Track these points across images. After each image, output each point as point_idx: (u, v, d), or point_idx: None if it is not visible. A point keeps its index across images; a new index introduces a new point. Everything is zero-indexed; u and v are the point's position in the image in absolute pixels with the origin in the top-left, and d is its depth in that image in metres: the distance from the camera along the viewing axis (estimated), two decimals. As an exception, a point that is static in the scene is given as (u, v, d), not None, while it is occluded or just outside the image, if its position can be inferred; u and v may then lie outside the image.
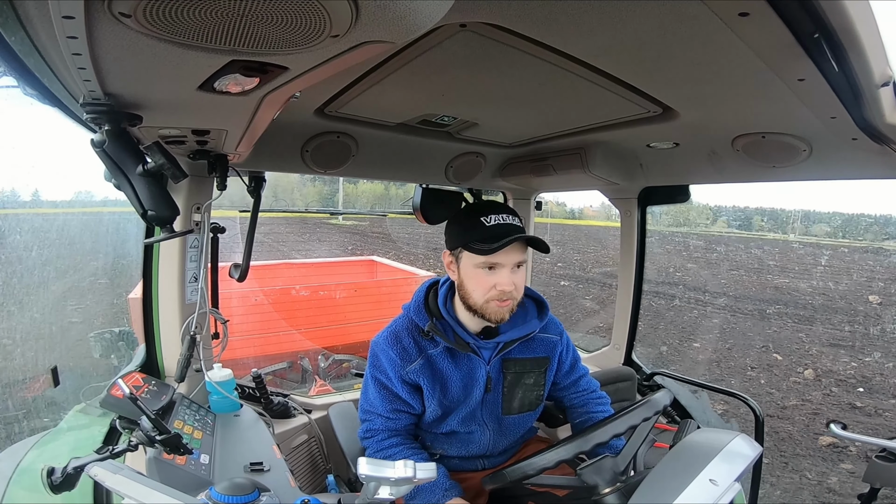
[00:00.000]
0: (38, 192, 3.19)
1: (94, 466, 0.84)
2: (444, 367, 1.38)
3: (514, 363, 1.43)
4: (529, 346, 1.46)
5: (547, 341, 1.49)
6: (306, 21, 0.55)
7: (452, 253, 1.35)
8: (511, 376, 1.43)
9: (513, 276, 1.27)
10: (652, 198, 2.25)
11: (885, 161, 1.30)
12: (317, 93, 1.29)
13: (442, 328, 1.38)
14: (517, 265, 1.28)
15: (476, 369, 1.39)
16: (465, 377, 1.39)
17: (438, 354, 1.38)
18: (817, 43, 0.76)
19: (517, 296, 1.30)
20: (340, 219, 24.78)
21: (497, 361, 1.41)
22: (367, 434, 1.42)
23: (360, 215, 26.84)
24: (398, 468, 0.86)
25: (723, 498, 0.87)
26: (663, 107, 1.29)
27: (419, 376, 1.36)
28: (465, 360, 1.39)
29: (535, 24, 0.86)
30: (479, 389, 1.39)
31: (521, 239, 1.25)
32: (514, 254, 1.26)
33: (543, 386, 1.48)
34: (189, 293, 1.63)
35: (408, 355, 1.37)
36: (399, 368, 1.36)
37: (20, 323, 2.16)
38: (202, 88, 0.77)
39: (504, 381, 1.43)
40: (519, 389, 1.45)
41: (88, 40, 0.58)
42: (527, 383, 1.45)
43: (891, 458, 1.39)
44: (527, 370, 1.45)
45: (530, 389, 1.46)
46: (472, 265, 1.28)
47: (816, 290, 11.56)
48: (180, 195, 1.54)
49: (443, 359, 1.38)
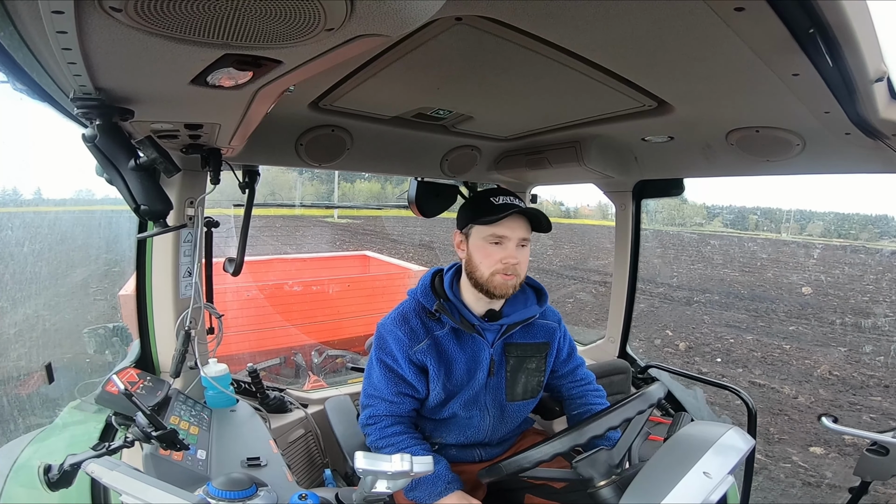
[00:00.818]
0: (39, 191, 3.16)
1: (91, 463, 0.84)
2: (449, 349, 1.41)
3: (517, 347, 1.47)
4: (530, 332, 1.50)
5: (547, 327, 1.54)
6: (300, 14, 0.54)
7: (463, 231, 1.43)
8: (514, 360, 1.47)
9: (517, 251, 1.35)
10: (646, 191, 2.26)
11: (878, 156, 1.31)
12: (311, 86, 1.28)
13: (448, 308, 1.42)
14: (522, 243, 1.36)
15: (480, 351, 1.43)
16: (469, 359, 1.42)
17: (444, 336, 1.42)
18: (812, 38, 0.76)
19: (520, 272, 1.37)
20: (336, 216, 24.87)
21: (500, 345, 1.45)
22: (370, 421, 1.42)
23: (354, 209, 26.84)
24: (395, 462, 0.86)
25: (716, 490, 0.88)
26: (658, 101, 1.30)
27: (426, 356, 1.39)
28: (469, 341, 1.43)
29: (531, 19, 0.86)
30: (482, 372, 1.42)
31: (524, 212, 1.34)
32: (519, 229, 1.35)
33: (544, 372, 1.52)
34: (183, 288, 1.62)
35: (415, 335, 1.41)
36: (407, 348, 1.39)
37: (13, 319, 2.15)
38: (195, 82, 0.76)
39: (507, 366, 1.46)
40: (522, 374, 1.48)
41: (79, 35, 0.57)
42: (529, 368, 1.49)
43: (882, 451, 1.41)
44: (528, 354, 1.49)
45: (532, 374, 1.50)
46: (481, 238, 1.37)
47: (756, 282, 12.75)
48: (173, 189, 1.53)
49: (448, 340, 1.42)
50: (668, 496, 0.87)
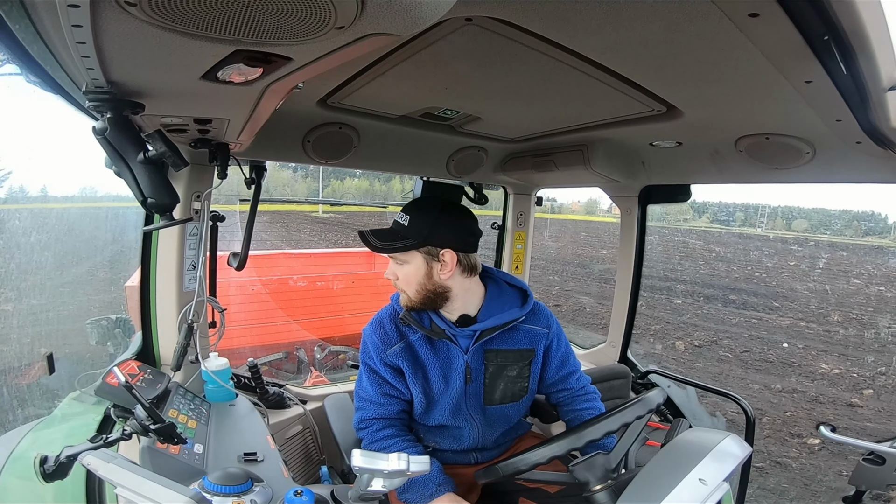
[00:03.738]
0: (45, 188, 3.17)
1: (87, 455, 0.84)
2: (423, 354, 1.41)
3: (496, 354, 1.44)
4: (512, 338, 1.45)
5: (532, 333, 1.48)
6: (311, 12, 0.54)
7: None
8: (493, 368, 1.43)
9: (392, 267, 1.41)
10: (653, 196, 2.26)
11: (889, 166, 1.30)
12: (320, 83, 1.28)
13: (418, 316, 1.42)
14: (392, 259, 1.41)
15: (454, 358, 1.41)
16: (443, 365, 1.41)
17: (418, 341, 1.42)
18: (827, 45, 0.75)
19: (401, 286, 1.41)
20: (320, 212, 25.48)
21: (478, 352, 1.42)
22: (363, 424, 1.43)
23: (357, 206, 27.22)
24: (392, 461, 0.86)
25: (711, 497, 0.88)
26: (668, 105, 1.29)
27: (399, 359, 1.40)
28: (442, 347, 1.42)
29: (542, 20, 0.85)
30: (458, 379, 1.40)
31: (368, 243, 1.40)
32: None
33: (528, 378, 1.48)
34: (187, 281, 1.62)
35: (388, 339, 1.42)
36: (380, 352, 1.41)
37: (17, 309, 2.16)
38: (205, 78, 0.76)
39: (486, 373, 1.43)
40: (501, 381, 1.45)
41: (93, 29, 0.57)
42: (509, 375, 1.45)
43: (878, 461, 1.40)
44: (509, 362, 1.45)
45: (513, 381, 1.46)
46: None
47: (697, 271, 14.99)
48: (180, 183, 1.53)
49: (422, 345, 1.42)
50: (663, 502, 0.87)
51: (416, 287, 1.37)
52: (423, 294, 1.37)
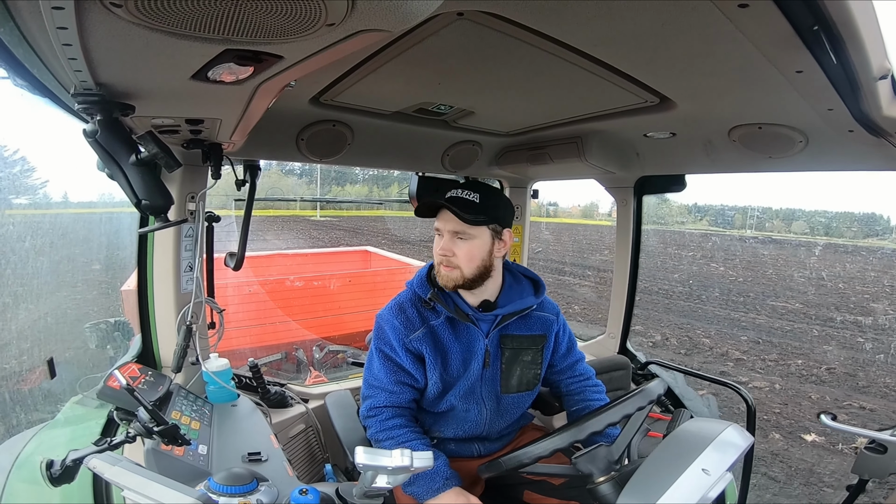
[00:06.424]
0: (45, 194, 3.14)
1: (93, 458, 0.85)
2: (445, 338, 1.42)
3: (512, 339, 1.47)
4: (526, 324, 1.50)
5: (543, 319, 1.53)
6: (301, 10, 0.54)
7: None
8: (509, 352, 1.47)
9: (451, 244, 1.37)
10: (648, 187, 2.26)
11: (880, 153, 1.31)
12: (312, 81, 1.28)
13: (443, 298, 1.43)
14: (459, 235, 1.37)
15: (475, 341, 1.43)
16: (464, 349, 1.42)
17: (440, 325, 1.43)
18: (816, 35, 0.75)
19: (457, 263, 1.37)
20: (318, 215, 25.87)
21: (495, 337, 1.45)
22: (371, 412, 1.43)
23: (355, 203, 27.57)
24: (395, 457, 0.86)
25: (714, 487, 0.89)
26: (661, 97, 1.29)
27: (422, 344, 1.40)
28: (464, 331, 1.43)
29: (533, 14, 0.85)
30: (477, 363, 1.43)
31: (443, 205, 1.36)
32: (449, 222, 1.37)
33: (540, 364, 1.52)
34: (184, 283, 1.62)
35: (411, 324, 1.42)
36: (403, 337, 1.41)
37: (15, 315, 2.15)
38: (196, 78, 0.76)
39: (502, 357, 1.46)
40: (517, 366, 1.48)
41: (79, 30, 0.57)
42: (524, 360, 1.49)
43: (880, 449, 1.41)
44: (524, 347, 1.49)
45: (528, 367, 1.49)
46: (434, 230, 1.43)
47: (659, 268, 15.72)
48: (174, 184, 1.53)
49: (444, 329, 1.42)
50: (666, 492, 0.87)
51: (478, 263, 1.38)
52: (478, 271, 1.38)
